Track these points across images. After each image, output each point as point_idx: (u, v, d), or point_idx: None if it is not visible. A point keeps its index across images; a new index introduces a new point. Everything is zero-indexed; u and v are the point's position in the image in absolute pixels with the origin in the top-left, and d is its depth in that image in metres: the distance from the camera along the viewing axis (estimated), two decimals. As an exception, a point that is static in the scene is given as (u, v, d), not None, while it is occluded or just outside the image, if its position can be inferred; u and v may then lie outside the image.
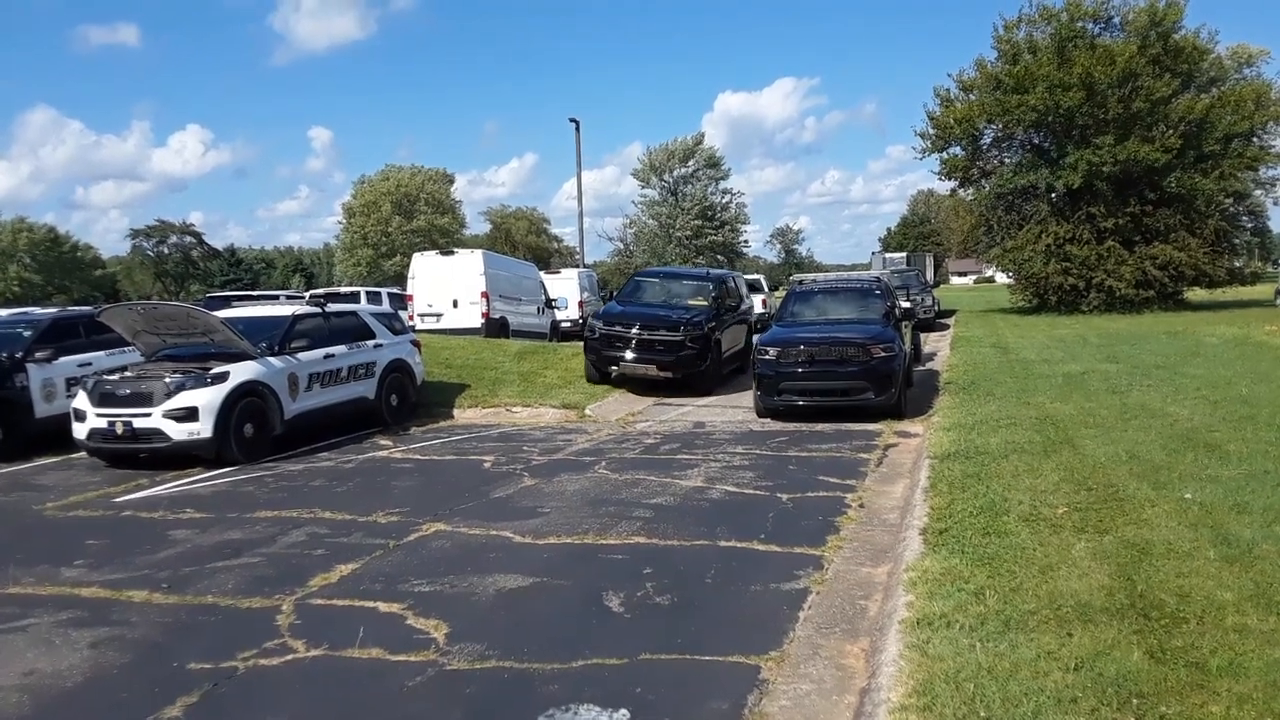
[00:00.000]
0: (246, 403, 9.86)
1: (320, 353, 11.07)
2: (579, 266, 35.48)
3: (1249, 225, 36.65)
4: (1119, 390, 11.16)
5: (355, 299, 20.42)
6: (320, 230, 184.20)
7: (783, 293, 22.18)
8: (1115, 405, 10.03)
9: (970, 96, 31.21)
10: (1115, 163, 27.79)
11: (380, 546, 6.46)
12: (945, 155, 31.87)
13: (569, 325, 23.84)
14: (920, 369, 15.92)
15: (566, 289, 25.45)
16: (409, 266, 21.36)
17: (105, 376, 9.98)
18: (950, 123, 30.68)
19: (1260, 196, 37.04)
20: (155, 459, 9.65)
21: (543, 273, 25.47)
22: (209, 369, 9.84)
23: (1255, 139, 30.76)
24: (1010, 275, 34.36)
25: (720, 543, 6.31)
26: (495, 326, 19.87)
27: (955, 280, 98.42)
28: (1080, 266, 29.31)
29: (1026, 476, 6.90)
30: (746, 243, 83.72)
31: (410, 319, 18.93)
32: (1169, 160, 27.74)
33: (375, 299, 21.82)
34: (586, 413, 12.74)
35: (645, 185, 77.84)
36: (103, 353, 11.44)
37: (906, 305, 15.89)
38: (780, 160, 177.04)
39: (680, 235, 74.08)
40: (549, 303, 23.24)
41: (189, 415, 9.40)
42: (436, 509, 7.49)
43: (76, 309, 14.21)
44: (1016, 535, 5.44)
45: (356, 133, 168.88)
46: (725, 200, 77.58)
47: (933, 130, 31.38)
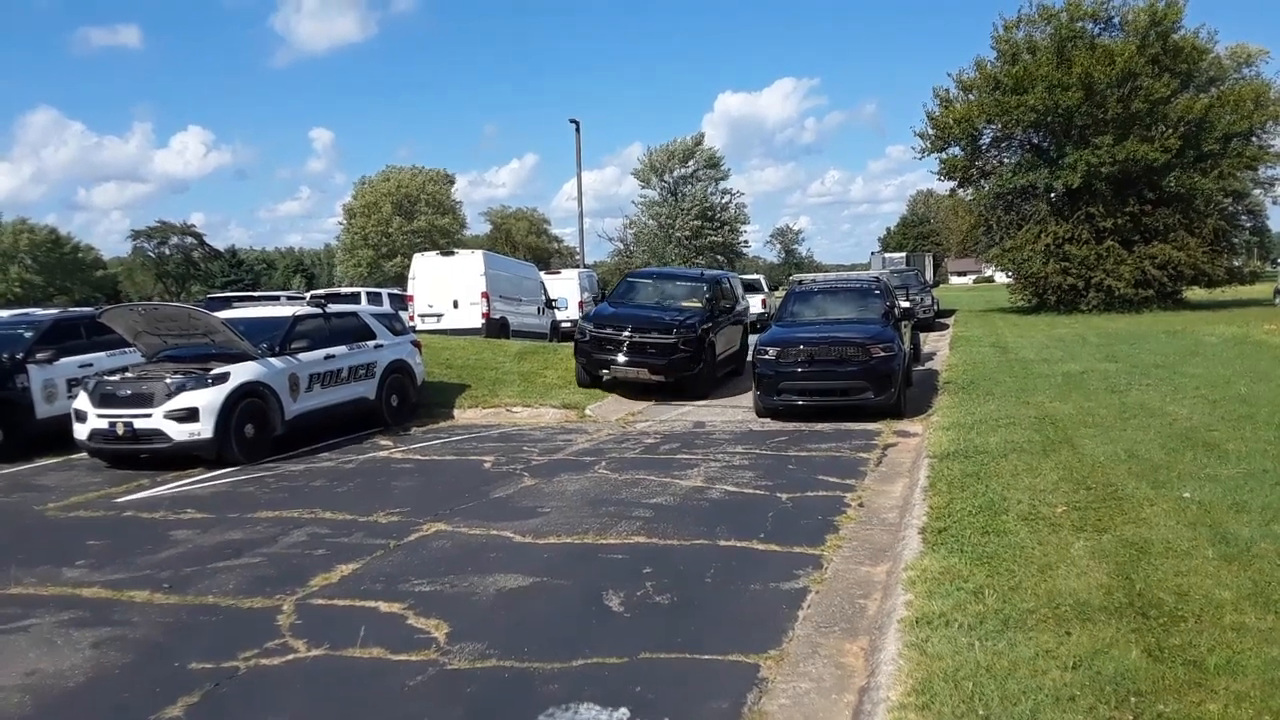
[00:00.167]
0: (247, 403, 9.88)
1: (321, 353, 11.09)
2: (579, 267, 35.49)
3: (1248, 224, 36.72)
4: (1118, 389, 11.17)
5: (356, 300, 20.41)
6: (321, 231, 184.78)
7: (782, 293, 22.17)
8: (1114, 404, 10.04)
9: (969, 97, 31.20)
10: (1114, 162, 27.78)
11: (381, 546, 6.47)
12: (944, 155, 31.89)
13: (569, 326, 23.81)
14: (920, 368, 15.94)
15: (567, 289, 25.46)
16: (409, 267, 21.38)
17: (106, 377, 9.99)
18: (949, 123, 30.68)
19: (1259, 196, 37.15)
20: (156, 459, 9.67)
21: (543, 273, 25.49)
22: (210, 370, 9.85)
23: (1254, 138, 30.78)
24: (1009, 275, 34.37)
25: (720, 542, 6.33)
26: (495, 327, 19.89)
27: (955, 280, 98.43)
28: (1079, 266, 29.31)
29: (1025, 476, 6.91)
30: (746, 243, 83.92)
31: (411, 319, 18.95)
32: (1168, 160, 27.72)
33: (376, 299, 21.81)
34: (587, 413, 12.76)
35: (645, 185, 77.95)
36: (104, 354, 11.45)
37: (906, 305, 15.89)
38: (780, 160, 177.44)
39: (680, 235, 74.09)
40: (549, 303, 23.26)
41: (190, 416, 9.42)
42: (437, 509, 7.50)
43: (77, 310, 14.24)
44: (1015, 534, 5.45)
45: (357, 134, 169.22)
46: (725, 200, 77.69)
47: (932, 130, 31.39)
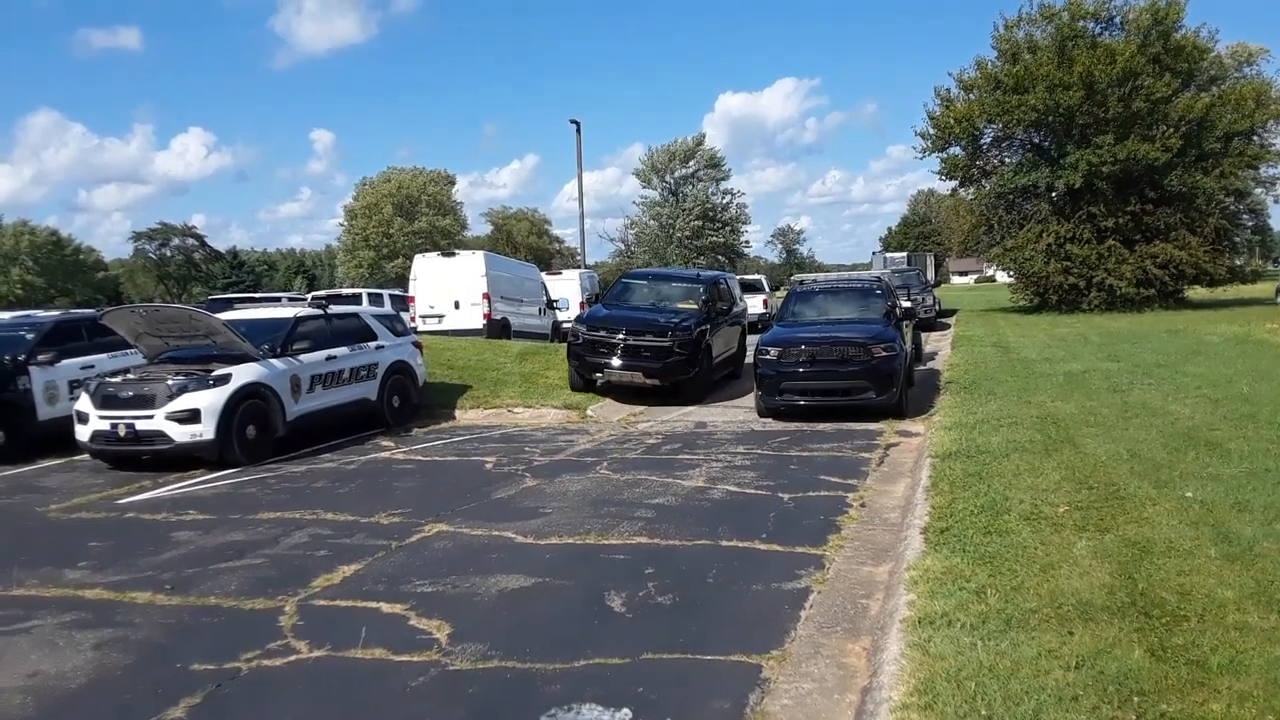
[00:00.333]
0: (249, 405, 9.88)
1: (322, 354, 11.09)
2: (580, 267, 35.50)
3: (1249, 223, 36.77)
4: (1120, 389, 11.16)
5: (357, 301, 20.41)
6: (322, 232, 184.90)
7: (783, 293, 22.16)
8: (1116, 404, 10.03)
9: (970, 96, 31.20)
10: (1115, 162, 27.76)
11: (383, 547, 6.47)
12: (945, 155, 31.89)
13: (570, 326, 23.80)
14: (921, 368, 15.93)
15: (568, 290, 25.45)
16: (411, 268, 21.38)
17: (108, 379, 10.00)
18: (950, 122, 30.67)
19: (1261, 195, 37.23)
20: (158, 461, 9.67)
21: (544, 274, 25.50)
22: (211, 371, 9.85)
23: (1255, 137, 30.79)
24: (1011, 274, 34.35)
25: (722, 542, 6.32)
26: (497, 328, 19.88)
27: (956, 280, 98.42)
28: (1081, 265, 29.30)
29: (1028, 475, 6.90)
30: (748, 243, 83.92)
31: (412, 320, 18.95)
32: (1169, 159, 27.70)
33: (377, 300, 21.82)
34: (588, 413, 12.76)
35: (646, 186, 77.92)
36: (105, 355, 11.45)
37: (907, 305, 15.87)
38: (781, 160, 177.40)
39: (681, 236, 74.07)
40: (550, 304, 23.26)
41: (191, 417, 9.42)
42: (439, 510, 7.50)
43: (79, 312, 14.22)
44: (1018, 534, 5.45)
45: (358, 135, 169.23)
46: (726, 201, 77.65)
47: (933, 130, 31.38)
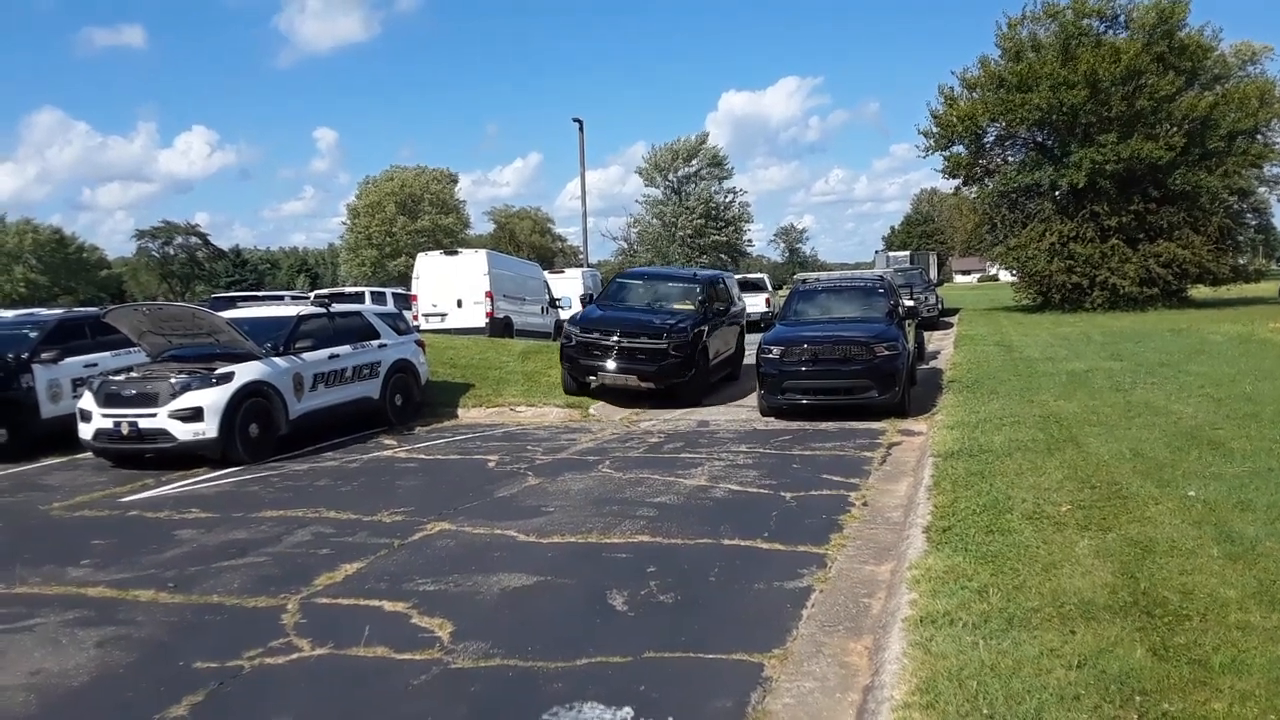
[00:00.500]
0: (251, 403, 9.89)
1: (325, 353, 11.10)
2: (583, 266, 35.50)
3: (1253, 222, 36.76)
4: (1123, 388, 11.15)
5: (360, 299, 20.43)
6: (325, 231, 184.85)
7: (786, 292, 22.15)
8: (1119, 403, 10.02)
9: (974, 94, 31.15)
10: (1119, 160, 27.71)
11: (385, 546, 6.48)
12: (949, 153, 31.85)
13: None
14: (924, 367, 15.92)
15: (571, 288, 25.44)
16: (413, 266, 21.40)
17: (111, 377, 10.01)
18: (954, 121, 30.64)
19: (1264, 194, 37.15)
20: (161, 459, 9.68)
21: (547, 272, 25.49)
22: (214, 369, 9.86)
23: (1259, 136, 30.78)
24: (1014, 273, 34.31)
25: (724, 541, 6.32)
26: (499, 326, 19.88)
27: (959, 279, 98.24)
28: (1084, 264, 29.26)
29: (1030, 474, 6.90)
30: (750, 242, 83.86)
31: (415, 319, 18.94)
32: (1173, 158, 27.66)
33: (380, 299, 21.83)
34: (590, 412, 12.76)
35: (649, 184, 77.89)
36: (108, 353, 11.45)
37: (910, 304, 15.84)
38: (784, 159, 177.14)
39: (684, 235, 74.04)
40: (553, 302, 23.26)
41: (194, 415, 9.44)
42: (441, 508, 7.51)
43: (82, 310, 14.24)
44: (1020, 533, 5.44)
45: (361, 133, 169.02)
46: (729, 199, 77.60)
47: (936, 128, 31.36)
